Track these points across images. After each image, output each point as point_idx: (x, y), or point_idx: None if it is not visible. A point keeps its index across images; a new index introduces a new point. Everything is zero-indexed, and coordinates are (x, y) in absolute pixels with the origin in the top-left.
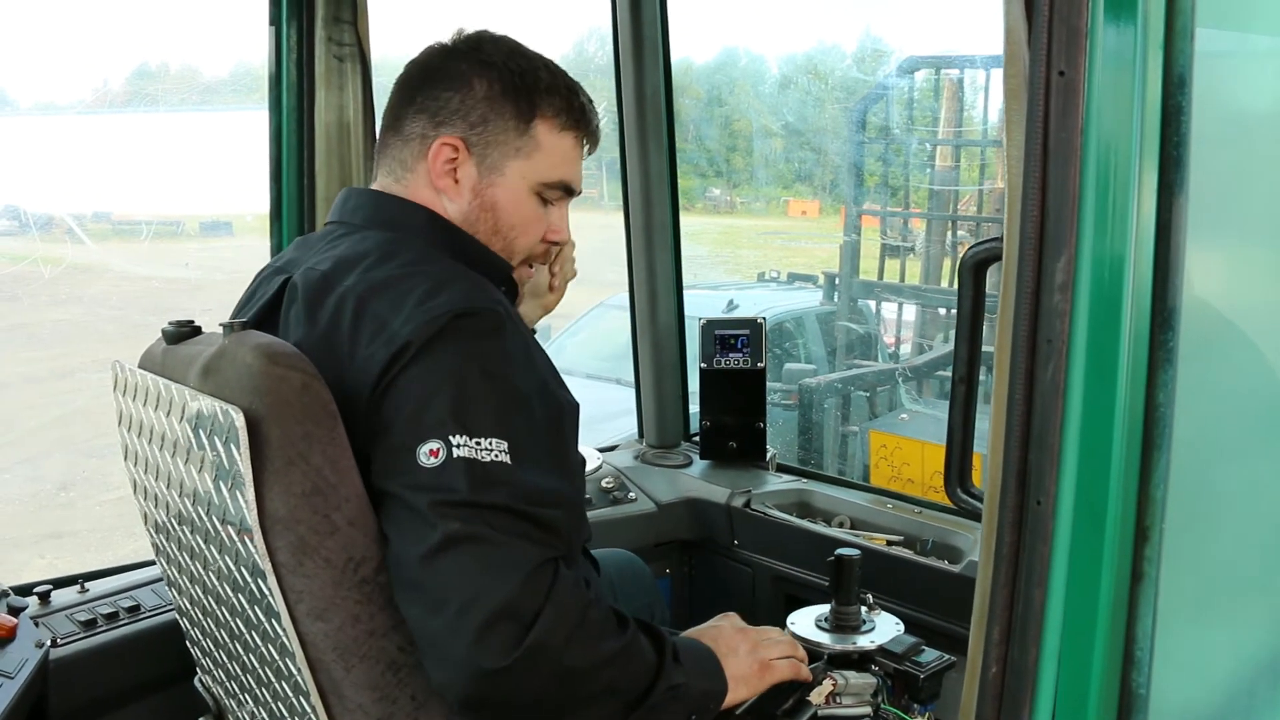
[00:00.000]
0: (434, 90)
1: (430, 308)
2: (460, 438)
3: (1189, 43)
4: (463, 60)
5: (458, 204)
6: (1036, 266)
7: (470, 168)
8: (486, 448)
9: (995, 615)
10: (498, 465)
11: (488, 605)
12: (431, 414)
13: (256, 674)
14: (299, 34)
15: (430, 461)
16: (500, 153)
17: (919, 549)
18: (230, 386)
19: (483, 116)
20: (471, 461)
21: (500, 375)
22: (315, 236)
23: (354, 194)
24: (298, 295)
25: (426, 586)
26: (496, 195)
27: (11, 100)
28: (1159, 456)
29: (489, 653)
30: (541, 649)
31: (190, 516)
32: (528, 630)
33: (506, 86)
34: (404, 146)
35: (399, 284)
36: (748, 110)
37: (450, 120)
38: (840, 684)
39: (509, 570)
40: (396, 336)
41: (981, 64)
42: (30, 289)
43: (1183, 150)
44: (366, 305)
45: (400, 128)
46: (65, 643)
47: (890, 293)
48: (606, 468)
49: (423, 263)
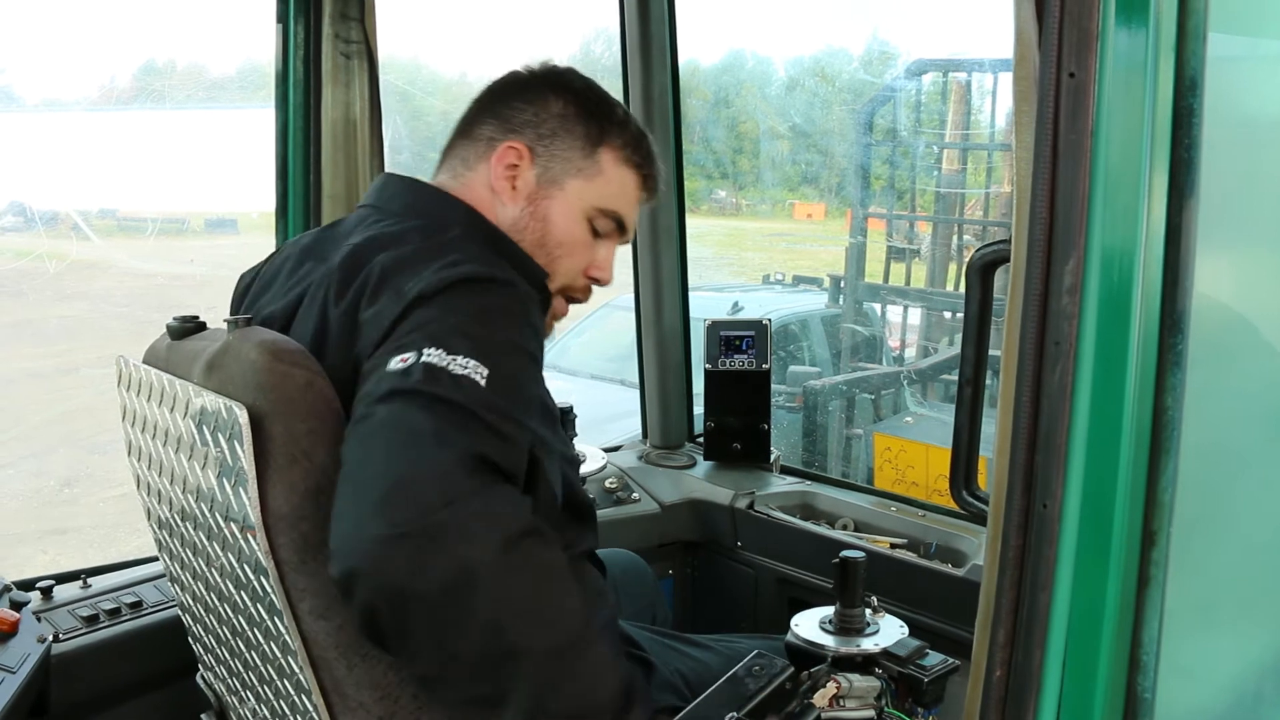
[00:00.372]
0: (510, 101)
1: (447, 273)
2: (434, 350)
3: (1201, 45)
4: (544, 82)
5: (510, 209)
6: (1045, 269)
7: (530, 176)
8: (461, 364)
9: (1000, 618)
10: (468, 380)
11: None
12: (413, 336)
13: (258, 671)
14: (306, 31)
15: (397, 365)
16: (562, 168)
17: (923, 552)
18: (234, 383)
19: (553, 130)
20: (436, 367)
21: (498, 325)
22: (351, 221)
23: (391, 180)
24: (334, 274)
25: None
26: (550, 208)
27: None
28: (1167, 461)
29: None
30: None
31: (193, 513)
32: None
33: (581, 110)
34: (470, 147)
35: (426, 258)
36: (754, 112)
37: (520, 129)
38: (844, 687)
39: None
40: (406, 294)
41: (989, 68)
42: (36, 284)
43: (1194, 153)
44: (389, 276)
45: (470, 132)
46: (67, 638)
47: (896, 295)
48: (610, 468)
49: (457, 249)
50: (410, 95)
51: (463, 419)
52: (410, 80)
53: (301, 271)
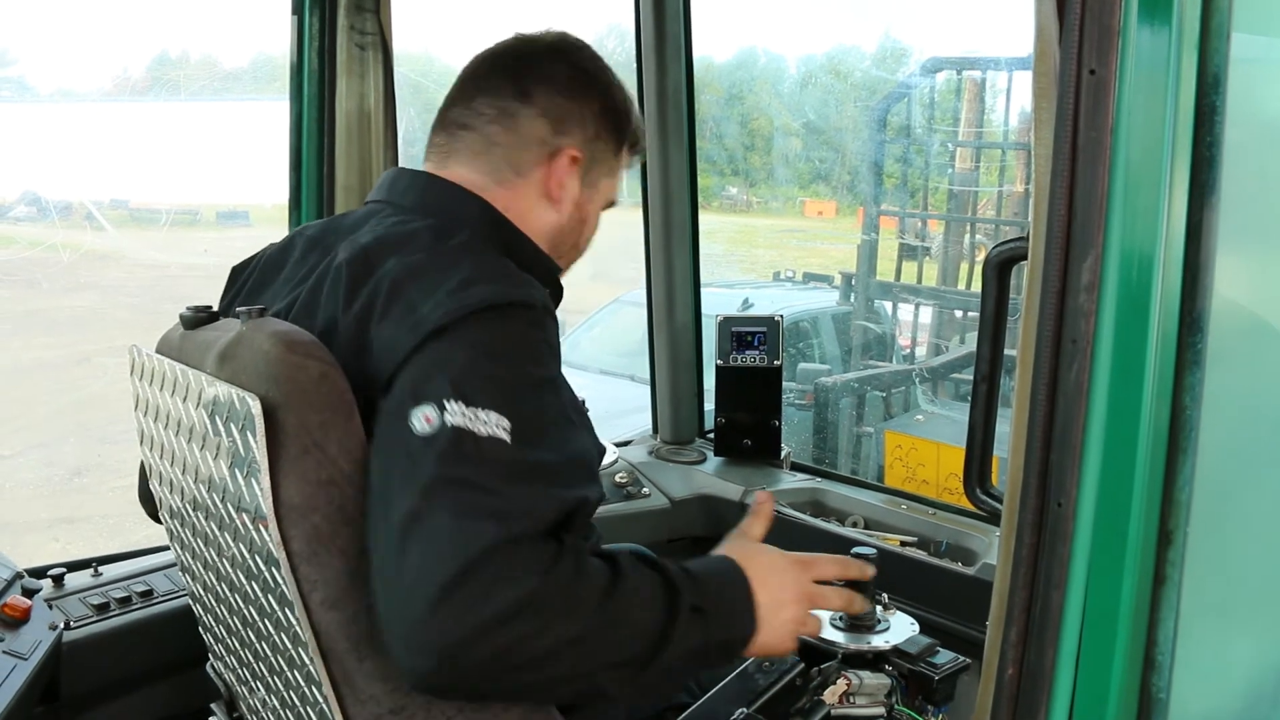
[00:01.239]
0: (553, 93)
1: (462, 297)
2: (457, 405)
3: (1224, 42)
4: (577, 69)
5: (558, 215)
6: (1063, 266)
7: (576, 181)
8: (484, 420)
9: (1013, 617)
10: (492, 441)
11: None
12: (434, 382)
13: (268, 662)
14: (321, 23)
15: (423, 427)
16: (599, 170)
17: (933, 550)
18: (247, 373)
19: (596, 133)
20: (463, 431)
21: (517, 359)
22: (359, 214)
23: (403, 175)
24: (342, 274)
25: (387, 563)
26: (589, 210)
27: (31, 87)
28: (1185, 460)
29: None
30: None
31: (205, 503)
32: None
33: (614, 108)
34: (521, 150)
35: (436, 271)
36: (767, 108)
37: (571, 131)
38: (854, 684)
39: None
40: (423, 322)
41: (1004, 66)
42: (49, 274)
43: (1215, 151)
44: (402, 287)
45: (516, 127)
46: (78, 626)
47: (907, 293)
48: (621, 462)
49: (467, 252)
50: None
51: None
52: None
53: (309, 264)
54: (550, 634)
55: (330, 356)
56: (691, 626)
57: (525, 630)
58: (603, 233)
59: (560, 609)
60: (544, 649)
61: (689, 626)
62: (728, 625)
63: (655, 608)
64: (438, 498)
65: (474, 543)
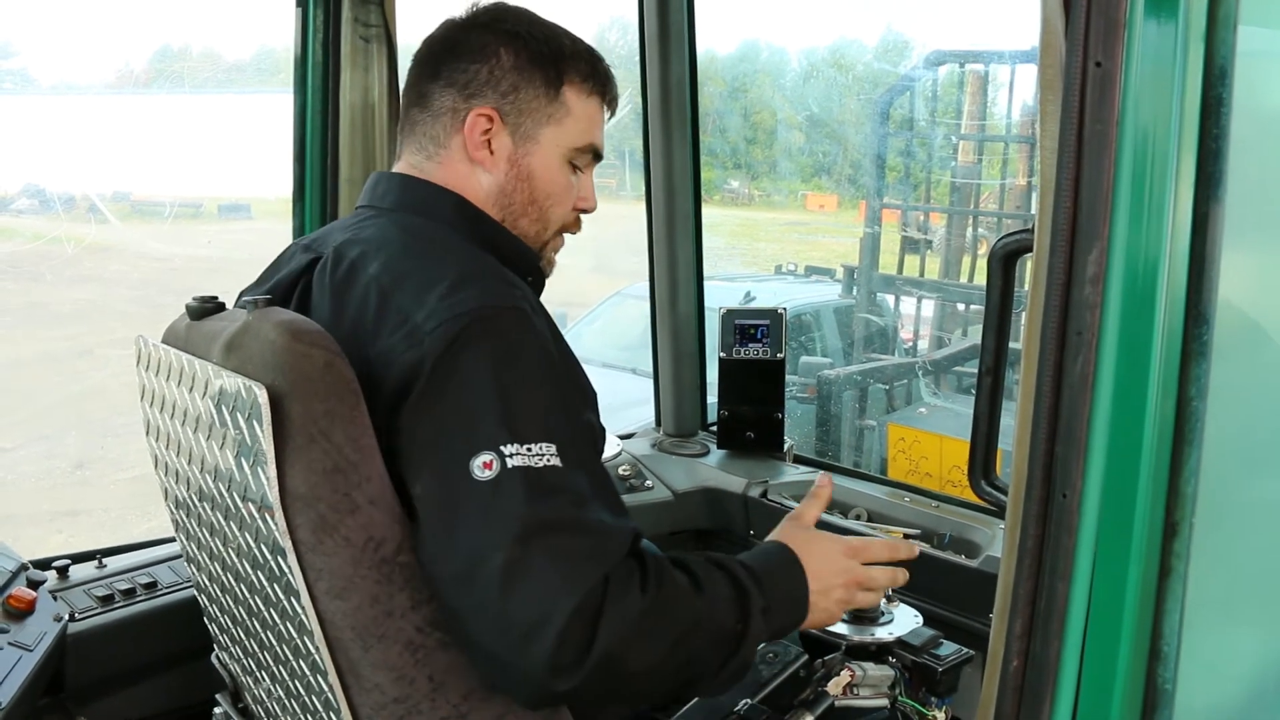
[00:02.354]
0: (460, 63)
1: (453, 303)
2: (512, 446)
3: (1231, 33)
4: (486, 32)
5: (494, 175)
6: (1068, 258)
7: (505, 138)
8: (538, 453)
9: (1018, 608)
10: (551, 470)
11: (551, 628)
12: (481, 426)
13: (274, 651)
14: (325, 14)
15: (484, 474)
16: (533, 120)
17: (936, 543)
18: (253, 362)
19: (513, 85)
20: (526, 470)
21: (537, 377)
22: (347, 220)
23: (383, 178)
24: (326, 278)
25: (489, 608)
26: (532, 164)
27: (34, 79)
28: (1190, 452)
29: (558, 677)
30: (608, 662)
31: (211, 492)
32: (589, 647)
33: (533, 54)
34: (434, 122)
35: (422, 274)
36: (770, 102)
37: (481, 91)
38: (858, 675)
39: (567, 589)
40: (419, 332)
41: (1008, 59)
42: (52, 266)
43: (1222, 143)
44: (390, 296)
45: (428, 104)
46: (83, 617)
47: (910, 287)
48: (624, 455)
49: (447, 251)
50: None
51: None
52: None
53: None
54: (658, 648)
55: (336, 346)
56: (760, 625)
57: (638, 650)
58: (605, 226)
59: (661, 624)
60: (653, 663)
61: (760, 626)
62: (788, 615)
63: (731, 611)
64: (533, 544)
65: (581, 584)
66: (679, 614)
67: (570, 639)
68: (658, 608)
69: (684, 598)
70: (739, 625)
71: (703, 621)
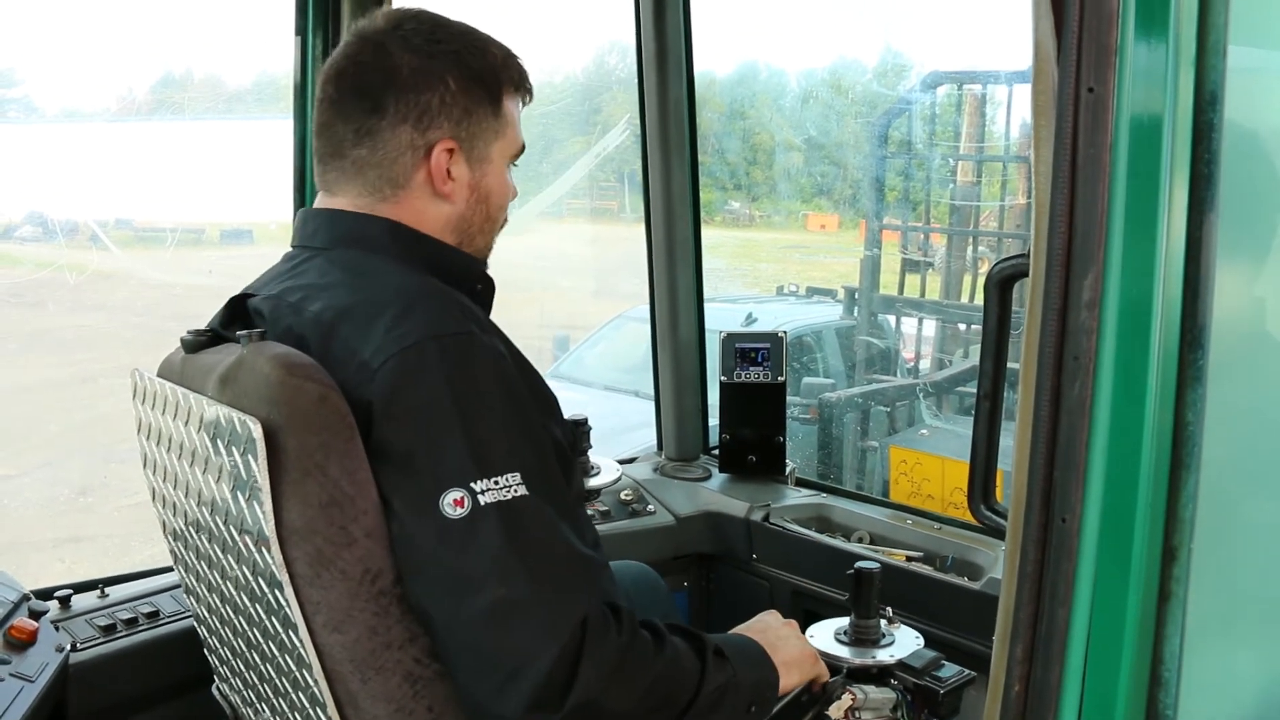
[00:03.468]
0: (407, 95)
1: (400, 335)
2: (481, 482)
3: (1221, 59)
4: (426, 57)
5: (455, 205)
6: (1064, 283)
7: (462, 165)
8: (506, 485)
9: (1018, 633)
10: (521, 500)
11: (535, 673)
12: (446, 461)
13: (274, 684)
14: (325, 43)
15: (456, 512)
16: (484, 141)
17: (939, 565)
18: (248, 396)
19: (465, 110)
20: (498, 505)
21: (495, 403)
22: (280, 266)
23: (311, 215)
24: (264, 318)
25: (474, 648)
26: (489, 184)
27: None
28: (1188, 476)
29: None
30: (584, 706)
31: (208, 525)
32: (568, 691)
33: (474, 73)
34: (391, 164)
35: (365, 307)
36: (769, 124)
37: (437, 122)
38: (859, 698)
39: (551, 632)
40: (368, 368)
41: (1005, 79)
42: (56, 295)
43: (1214, 168)
44: (335, 330)
45: (378, 142)
46: (85, 647)
47: (911, 308)
48: (625, 480)
49: (386, 279)
50: None
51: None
52: None
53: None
54: (632, 693)
55: (330, 379)
56: (719, 669)
57: (614, 695)
58: (606, 248)
59: (636, 668)
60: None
61: (717, 670)
62: (750, 664)
63: (690, 654)
64: (513, 584)
65: (564, 626)
66: (649, 658)
67: (552, 682)
68: (633, 653)
69: (650, 644)
70: (699, 666)
71: (669, 665)
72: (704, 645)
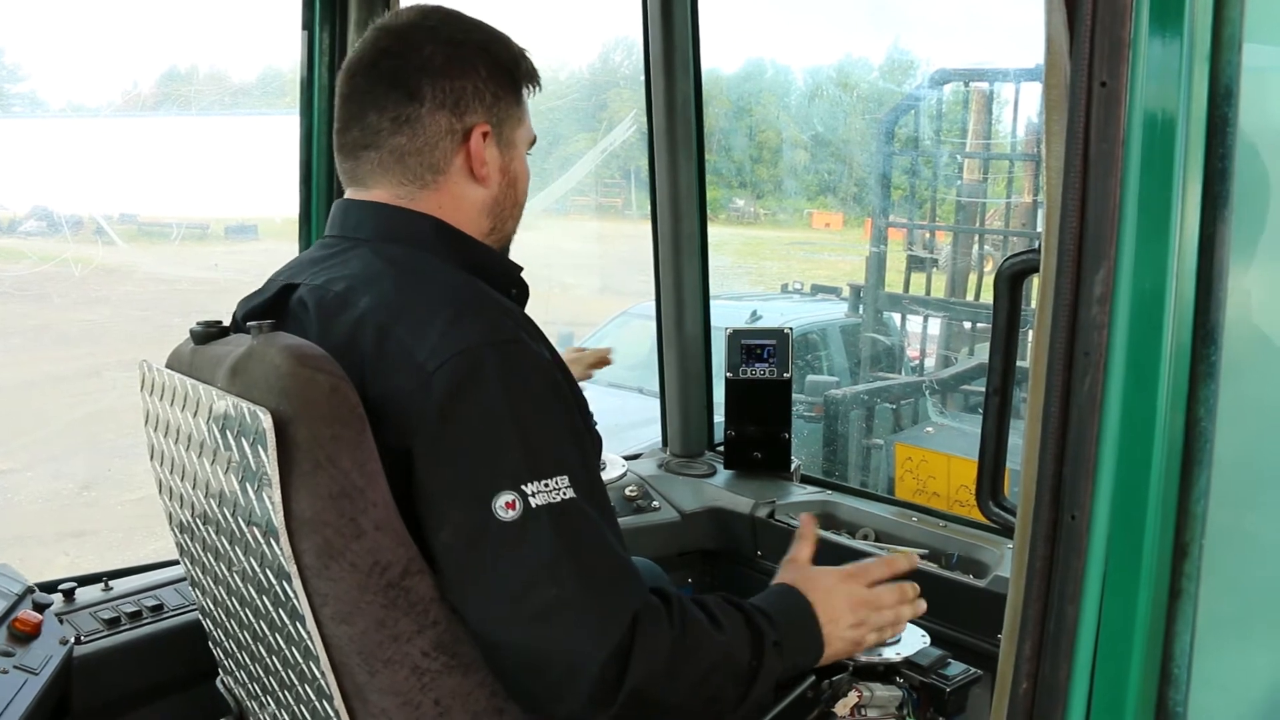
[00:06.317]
0: (442, 81)
1: (456, 339)
2: (532, 485)
3: (1236, 53)
4: (457, 45)
5: (490, 189)
6: (1075, 278)
7: (494, 149)
8: (555, 487)
9: (1027, 630)
10: (569, 503)
11: (589, 669)
12: (499, 464)
13: (279, 676)
14: (331, 38)
15: (508, 515)
16: (510, 126)
17: (944, 563)
18: (258, 387)
19: (494, 94)
20: (550, 508)
21: (547, 407)
22: (317, 252)
23: (352, 206)
24: (309, 311)
25: (526, 648)
26: (516, 168)
27: (43, 102)
28: (1199, 472)
29: (593, 712)
30: (639, 693)
31: (215, 517)
32: (619, 685)
33: (499, 64)
34: (431, 149)
35: (418, 308)
36: (775, 121)
37: (472, 107)
38: (865, 696)
39: (603, 630)
40: (423, 372)
41: (1012, 77)
42: (60, 288)
43: (1228, 163)
44: (389, 331)
45: (417, 128)
46: (89, 640)
47: (916, 305)
48: (630, 476)
49: (436, 280)
50: None
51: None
52: None
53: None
54: (684, 684)
55: (341, 370)
56: (774, 660)
57: (667, 687)
58: (612, 245)
59: (688, 660)
60: (681, 698)
61: (773, 661)
62: (802, 651)
63: (745, 648)
64: (566, 584)
65: (616, 624)
66: (703, 650)
67: (606, 678)
68: (683, 645)
69: (706, 635)
70: (754, 661)
71: (724, 658)
72: (762, 637)
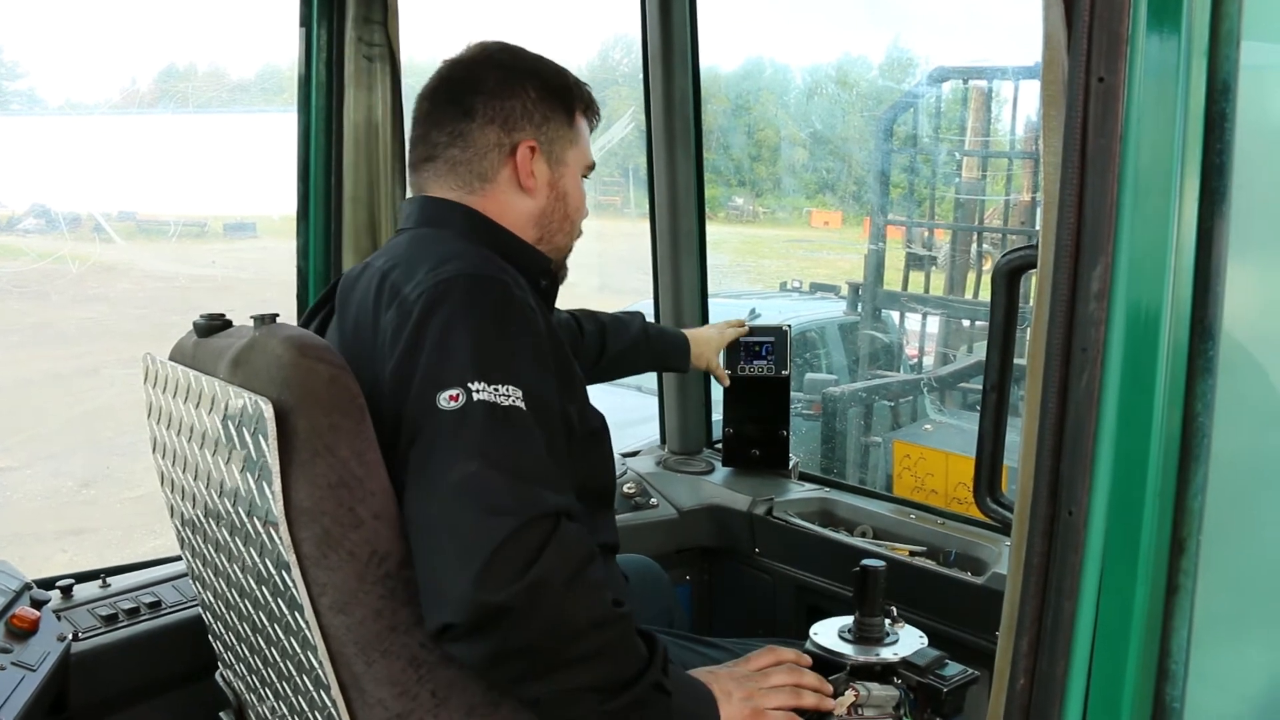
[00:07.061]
0: (494, 100)
1: (439, 272)
2: (478, 384)
3: (1234, 49)
4: (509, 71)
5: (536, 200)
6: (1072, 274)
7: (543, 165)
8: (504, 393)
9: (1024, 626)
10: (515, 410)
11: (492, 541)
12: (449, 364)
13: (278, 667)
14: (329, 34)
15: (450, 405)
16: (560, 146)
17: (942, 560)
18: (259, 378)
19: (544, 115)
20: (491, 404)
21: (510, 331)
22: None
23: (409, 202)
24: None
25: (436, 525)
26: (566, 185)
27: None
28: (1197, 468)
29: (490, 586)
30: (541, 586)
31: (217, 509)
32: (529, 566)
33: (551, 88)
34: (481, 159)
35: (417, 259)
36: (773, 119)
37: (520, 125)
38: (862, 696)
39: (517, 509)
40: (406, 300)
41: (1011, 75)
42: (58, 286)
43: (1226, 158)
44: (386, 278)
45: (469, 141)
46: (87, 637)
47: (915, 303)
48: (629, 473)
49: (447, 245)
50: None
51: (531, 467)
52: None
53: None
54: (585, 612)
55: (341, 360)
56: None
57: (571, 599)
58: (610, 243)
59: (594, 594)
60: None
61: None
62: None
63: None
64: (491, 463)
65: (534, 506)
66: (601, 598)
67: (509, 555)
68: (594, 575)
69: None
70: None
71: (622, 633)
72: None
